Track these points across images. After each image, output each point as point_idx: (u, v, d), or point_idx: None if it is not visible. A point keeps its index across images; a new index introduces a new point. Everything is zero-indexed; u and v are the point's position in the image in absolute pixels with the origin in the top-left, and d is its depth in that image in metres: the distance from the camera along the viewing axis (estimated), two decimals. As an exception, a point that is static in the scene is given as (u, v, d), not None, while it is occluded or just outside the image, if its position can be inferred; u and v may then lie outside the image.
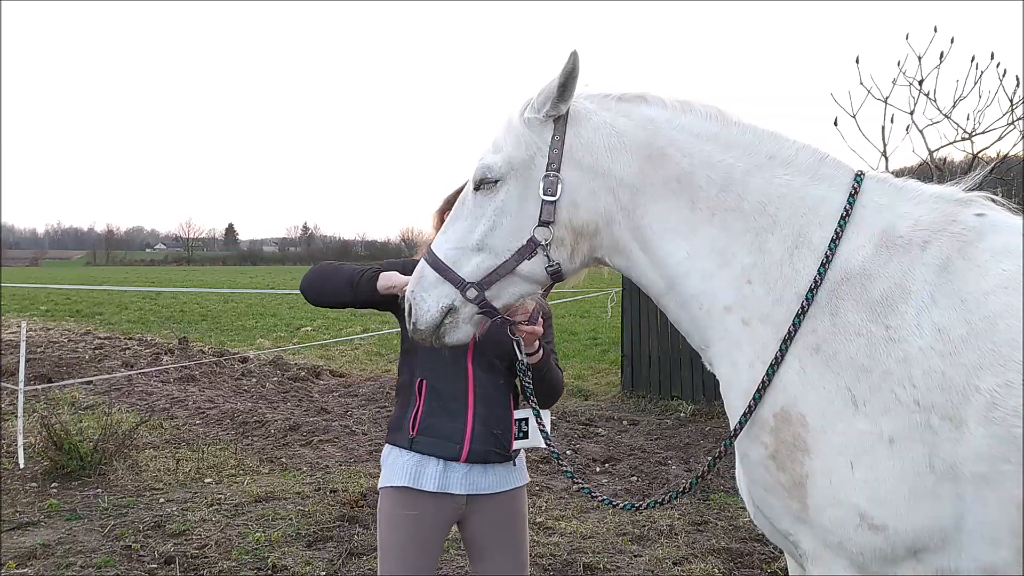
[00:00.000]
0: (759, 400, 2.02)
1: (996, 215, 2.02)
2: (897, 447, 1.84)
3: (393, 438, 2.86)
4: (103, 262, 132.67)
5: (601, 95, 2.24)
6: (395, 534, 2.77)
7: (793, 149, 2.15)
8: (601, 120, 2.19)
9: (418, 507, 2.75)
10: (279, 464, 7.44)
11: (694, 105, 2.20)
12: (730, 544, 5.28)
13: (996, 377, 1.79)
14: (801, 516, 1.97)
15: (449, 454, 2.76)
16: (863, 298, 1.96)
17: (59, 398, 10.27)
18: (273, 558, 5.05)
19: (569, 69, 2.11)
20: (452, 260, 2.24)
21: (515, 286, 2.26)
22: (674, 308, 2.24)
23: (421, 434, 2.77)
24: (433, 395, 2.79)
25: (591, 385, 11.69)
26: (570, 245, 2.21)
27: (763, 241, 2.09)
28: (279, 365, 12.97)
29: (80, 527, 5.66)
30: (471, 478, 2.80)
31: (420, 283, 2.28)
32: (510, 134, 2.23)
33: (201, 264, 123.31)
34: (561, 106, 2.17)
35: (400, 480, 2.77)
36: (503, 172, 2.20)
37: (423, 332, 2.29)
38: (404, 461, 2.79)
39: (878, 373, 1.88)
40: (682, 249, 2.15)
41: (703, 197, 2.13)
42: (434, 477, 2.76)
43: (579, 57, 2.11)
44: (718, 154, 2.14)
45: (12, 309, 23.75)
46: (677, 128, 2.17)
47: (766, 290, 2.07)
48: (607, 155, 2.16)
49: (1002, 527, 1.80)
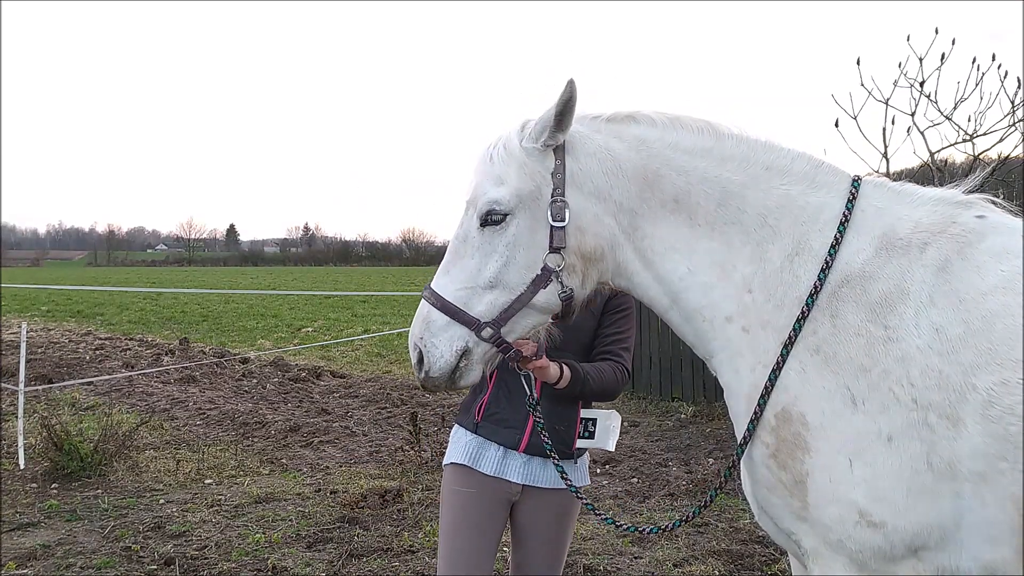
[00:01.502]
0: (764, 405, 2.03)
1: (996, 217, 2.03)
2: (895, 445, 1.86)
3: (461, 419, 2.99)
4: (104, 262, 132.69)
5: (590, 117, 2.23)
6: (450, 510, 2.89)
7: (788, 158, 2.17)
8: (596, 145, 2.19)
9: (474, 485, 2.85)
10: (279, 465, 7.43)
11: (684, 121, 2.21)
12: (730, 546, 5.27)
13: (993, 375, 1.80)
14: (802, 514, 1.99)
15: (509, 442, 2.85)
16: (863, 299, 1.97)
17: (59, 399, 10.28)
18: (273, 559, 5.05)
19: (566, 98, 2.10)
20: (462, 301, 2.18)
21: (528, 318, 2.23)
22: (679, 322, 2.26)
23: (486, 419, 2.88)
24: (502, 385, 2.87)
25: (592, 386, 11.67)
26: (581, 272, 2.20)
27: (763, 251, 2.12)
28: (280, 366, 12.97)
29: (80, 528, 5.66)
30: (530, 469, 2.87)
31: (428, 328, 2.21)
32: (512, 166, 2.19)
33: (202, 265, 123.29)
34: (559, 135, 2.16)
35: (460, 458, 2.89)
36: (512, 205, 2.16)
37: (436, 380, 2.22)
38: (467, 441, 2.91)
39: (877, 372, 1.90)
40: (683, 266, 2.18)
41: (701, 213, 2.15)
42: (493, 461, 2.86)
43: (576, 86, 2.09)
44: (714, 169, 2.16)
45: (13, 309, 23.77)
46: (670, 147, 2.18)
47: (766, 297, 2.09)
48: (606, 180, 2.17)
49: (1001, 525, 1.81)
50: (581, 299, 2.24)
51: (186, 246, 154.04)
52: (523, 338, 2.30)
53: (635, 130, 2.20)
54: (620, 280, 2.27)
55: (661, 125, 2.20)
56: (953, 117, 6.55)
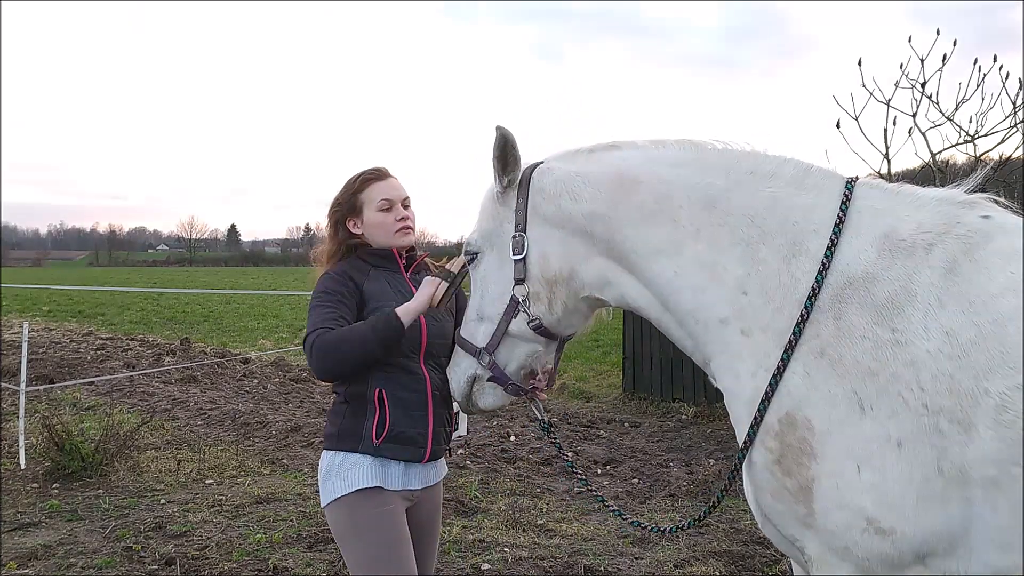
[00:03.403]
0: (765, 410, 2.01)
1: (1002, 217, 2.00)
2: (905, 450, 1.83)
3: (347, 445, 2.76)
4: (105, 263, 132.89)
5: (571, 152, 2.39)
6: (377, 533, 2.71)
7: (774, 163, 2.17)
8: (564, 172, 2.32)
9: (389, 502, 2.75)
10: (280, 465, 7.43)
11: (666, 141, 2.29)
12: (731, 547, 5.26)
13: (1006, 380, 1.76)
14: (807, 521, 1.96)
15: (415, 457, 2.79)
16: (867, 301, 1.94)
17: (61, 399, 10.28)
18: (274, 559, 5.05)
19: (500, 144, 2.31)
20: (469, 333, 2.47)
21: (517, 348, 2.41)
22: (674, 327, 2.27)
23: (389, 441, 2.74)
24: (396, 403, 2.75)
25: (592, 387, 11.68)
26: (546, 297, 2.34)
27: (755, 252, 2.10)
28: (281, 366, 12.98)
29: (81, 528, 5.65)
30: (425, 472, 2.87)
31: (452, 360, 2.56)
32: (483, 211, 2.45)
33: (203, 265, 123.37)
34: (507, 178, 2.35)
35: (368, 482, 2.72)
36: (480, 245, 2.44)
37: (461, 404, 2.54)
38: (367, 465, 2.73)
39: (885, 376, 1.87)
40: (669, 268, 2.19)
41: (685, 216, 2.17)
42: (397, 477, 2.78)
43: (505, 129, 2.29)
44: (696, 176, 2.19)
45: (14, 309, 23.79)
46: (651, 160, 2.25)
47: (764, 300, 2.07)
48: (570, 200, 2.28)
49: (1013, 531, 1.78)
50: (555, 324, 2.37)
51: (187, 246, 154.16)
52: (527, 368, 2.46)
53: (615, 154, 2.31)
54: (609, 291, 2.33)
55: (642, 147, 2.30)
56: (954, 118, 6.55)
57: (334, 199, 2.96)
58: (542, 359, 2.46)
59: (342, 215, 2.93)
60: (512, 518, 5.83)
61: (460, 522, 5.78)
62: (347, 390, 2.80)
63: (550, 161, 2.38)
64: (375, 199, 2.89)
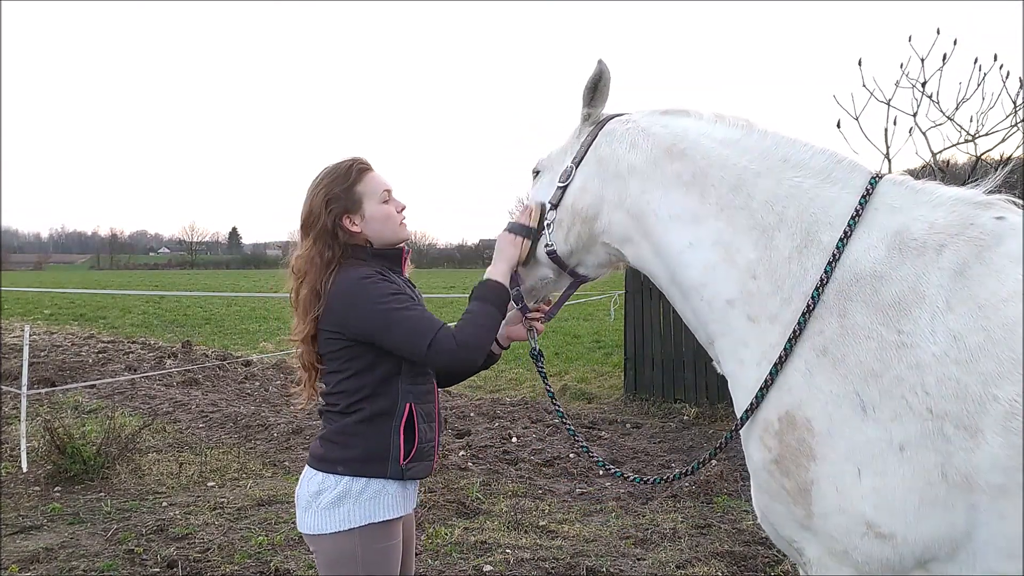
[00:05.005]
0: (762, 398, 2.01)
1: (1016, 218, 1.94)
2: (908, 455, 1.80)
3: (372, 470, 2.46)
4: (107, 266, 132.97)
5: (652, 110, 2.44)
6: (384, 567, 2.48)
7: (808, 153, 2.17)
8: (636, 124, 2.39)
9: (399, 534, 2.55)
10: (282, 468, 7.43)
11: (727, 117, 2.34)
12: (733, 547, 5.26)
13: (1016, 386, 1.72)
14: (806, 523, 1.94)
15: (428, 472, 2.58)
16: (874, 300, 1.92)
17: (62, 402, 10.28)
18: (276, 562, 5.04)
19: (595, 76, 2.38)
20: None
21: (533, 269, 2.57)
22: (679, 299, 2.31)
23: (415, 460, 2.50)
24: (421, 416, 2.52)
25: (594, 388, 11.67)
26: (566, 226, 2.44)
27: (770, 238, 2.10)
28: (282, 368, 12.96)
29: (83, 531, 5.65)
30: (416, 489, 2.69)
31: None
32: (562, 142, 2.59)
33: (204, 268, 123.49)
34: (589, 110, 2.45)
35: (394, 512, 2.49)
36: (543, 166, 2.62)
37: None
38: (393, 492, 2.49)
39: (889, 378, 1.84)
40: (684, 238, 2.21)
41: (713, 194, 2.20)
42: (411, 498, 2.61)
43: (605, 65, 2.36)
44: (734, 157, 2.21)
45: (16, 313, 23.80)
46: (704, 135, 2.29)
47: (774, 288, 2.06)
48: (626, 148, 2.35)
49: (1020, 540, 1.75)
50: (565, 253, 2.46)
51: (188, 249, 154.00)
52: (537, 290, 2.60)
53: (683, 120, 2.35)
54: (628, 248, 2.37)
55: (707, 119, 2.33)
56: (955, 118, 6.54)
57: (324, 195, 2.53)
58: (550, 287, 2.60)
59: (339, 212, 2.53)
60: (514, 519, 5.83)
61: (462, 523, 5.77)
62: (371, 407, 2.48)
63: (633, 113, 2.45)
64: (376, 190, 2.56)
